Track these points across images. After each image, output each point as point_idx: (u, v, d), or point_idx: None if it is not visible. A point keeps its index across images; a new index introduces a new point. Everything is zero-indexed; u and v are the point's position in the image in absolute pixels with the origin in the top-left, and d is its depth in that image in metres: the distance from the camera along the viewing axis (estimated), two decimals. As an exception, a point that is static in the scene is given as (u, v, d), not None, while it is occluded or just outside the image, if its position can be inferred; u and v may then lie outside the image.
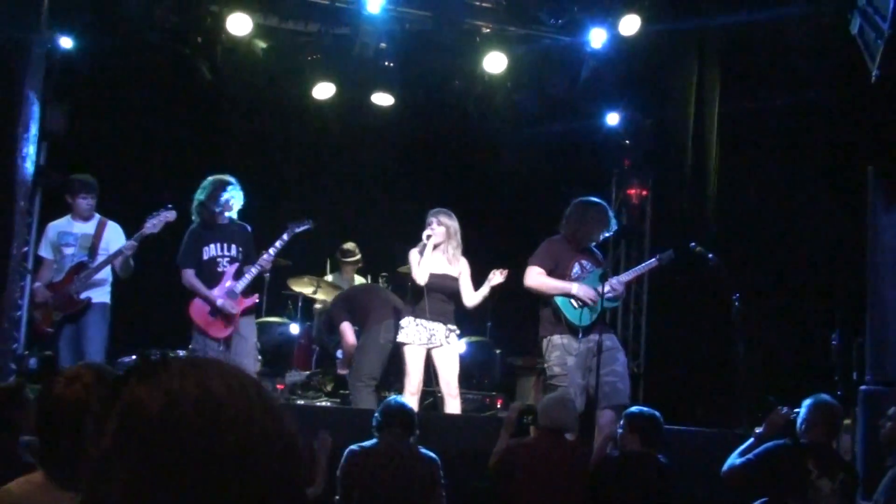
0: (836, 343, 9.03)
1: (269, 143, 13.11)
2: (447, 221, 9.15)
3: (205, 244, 8.98)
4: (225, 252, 8.98)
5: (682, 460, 6.84)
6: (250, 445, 1.47)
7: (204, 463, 1.42)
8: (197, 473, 1.42)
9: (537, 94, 12.35)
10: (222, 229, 9.02)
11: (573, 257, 8.77)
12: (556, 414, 6.60)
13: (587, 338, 8.40)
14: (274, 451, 1.49)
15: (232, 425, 1.46)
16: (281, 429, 1.52)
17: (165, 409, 1.45)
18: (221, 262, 8.95)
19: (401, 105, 12.56)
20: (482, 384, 11.75)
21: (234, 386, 1.51)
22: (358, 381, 9.69)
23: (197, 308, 8.88)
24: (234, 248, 9.00)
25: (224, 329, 8.82)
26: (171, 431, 1.44)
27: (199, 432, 1.44)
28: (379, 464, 6.35)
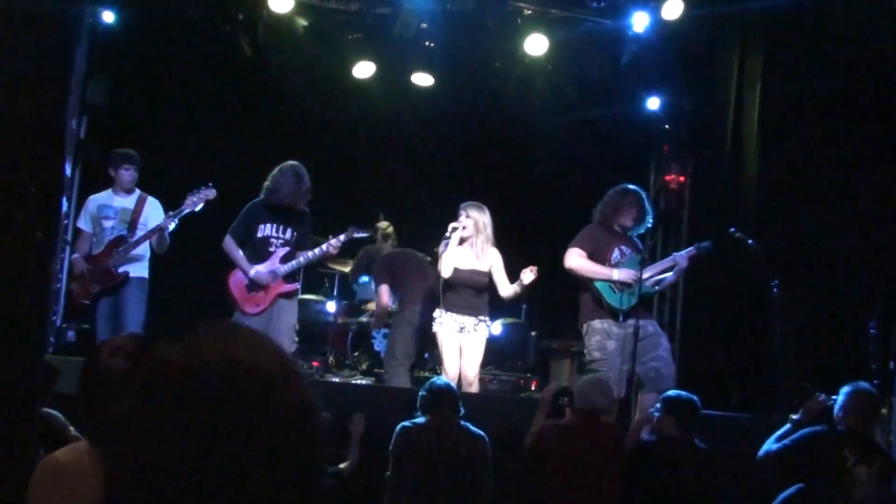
0: (874, 332, 8.98)
1: (307, 120, 13.10)
2: (476, 215, 9.14)
3: (262, 222, 9.00)
4: (280, 234, 8.98)
5: (718, 446, 6.82)
6: (271, 409, 1.48)
7: (223, 423, 1.44)
8: (216, 433, 1.43)
9: (578, 77, 12.29)
10: (283, 211, 9.02)
11: (613, 242, 8.77)
12: (591, 396, 6.60)
13: (627, 322, 8.39)
14: (293, 417, 1.51)
15: (254, 388, 1.48)
16: (302, 398, 1.53)
17: (188, 368, 1.47)
18: (274, 243, 8.95)
19: (440, 86, 12.53)
20: (516, 366, 11.75)
21: (260, 351, 1.53)
22: (392, 360, 9.71)
23: (235, 279, 8.91)
24: (289, 232, 9.00)
25: (256, 306, 8.81)
26: (194, 390, 1.45)
27: (221, 392, 1.46)
28: (431, 439, 6.39)
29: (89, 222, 9.24)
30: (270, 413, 1.48)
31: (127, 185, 9.23)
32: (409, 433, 6.47)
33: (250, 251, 8.94)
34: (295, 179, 8.96)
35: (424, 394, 6.69)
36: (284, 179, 8.95)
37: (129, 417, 1.47)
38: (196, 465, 1.42)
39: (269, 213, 9.01)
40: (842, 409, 6.26)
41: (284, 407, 1.51)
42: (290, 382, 1.53)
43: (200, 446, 1.42)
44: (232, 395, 1.45)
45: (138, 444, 1.44)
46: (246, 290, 8.84)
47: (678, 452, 6.39)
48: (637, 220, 8.94)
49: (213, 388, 1.45)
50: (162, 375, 1.47)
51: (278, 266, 8.82)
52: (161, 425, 1.43)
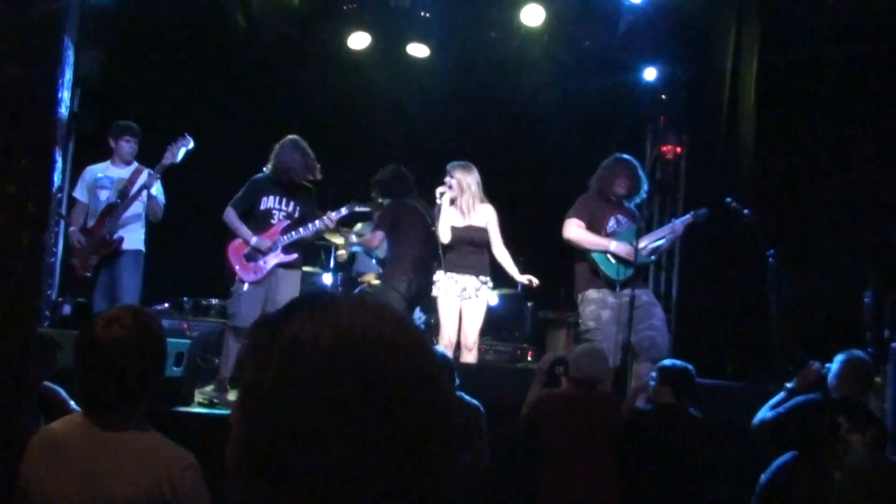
0: (869, 301, 9.00)
1: (302, 92, 13.08)
2: (459, 175, 9.17)
3: (265, 194, 8.99)
4: (282, 206, 8.98)
5: (714, 414, 6.84)
6: (415, 385, 1.51)
7: (368, 400, 1.46)
8: (361, 411, 1.45)
9: (574, 48, 12.29)
10: (287, 186, 9.01)
11: (609, 212, 8.79)
12: (587, 365, 6.61)
13: (623, 292, 8.42)
14: (430, 391, 1.53)
15: (398, 365, 1.50)
16: (437, 371, 1.55)
17: (335, 346, 1.49)
18: (277, 216, 8.94)
19: (436, 56, 12.50)
20: (513, 336, 11.79)
21: (399, 327, 1.55)
22: None
23: (234, 247, 8.90)
24: (292, 205, 9.00)
25: (255, 274, 8.80)
26: (340, 368, 1.47)
27: (367, 370, 1.48)
28: None
29: (85, 193, 9.26)
30: (416, 389, 1.51)
31: (126, 156, 9.25)
32: None
33: (253, 224, 8.93)
34: (301, 154, 8.96)
35: None
36: (291, 156, 8.93)
37: (270, 395, 1.48)
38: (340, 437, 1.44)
39: (273, 186, 9.00)
40: (836, 376, 6.28)
41: (426, 382, 1.53)
42: (428, 359, 1.55)
43: (346, 425, 1.44)
44: (378, 372, 1.48)
45: (281, 423, 1.46)
46: (245, 259, 8.84)
47: (673, 421, 6.41)
48: (631, 188, 8.94)
49: (361, 366, 1.47)
50: (307, 353, 1.48)
51: (279, 237, 8.82)
52: (308, 404, 1.46)
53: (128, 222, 9.08)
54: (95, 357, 3.16)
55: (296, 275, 9.12)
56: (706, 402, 7.18)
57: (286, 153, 8.94)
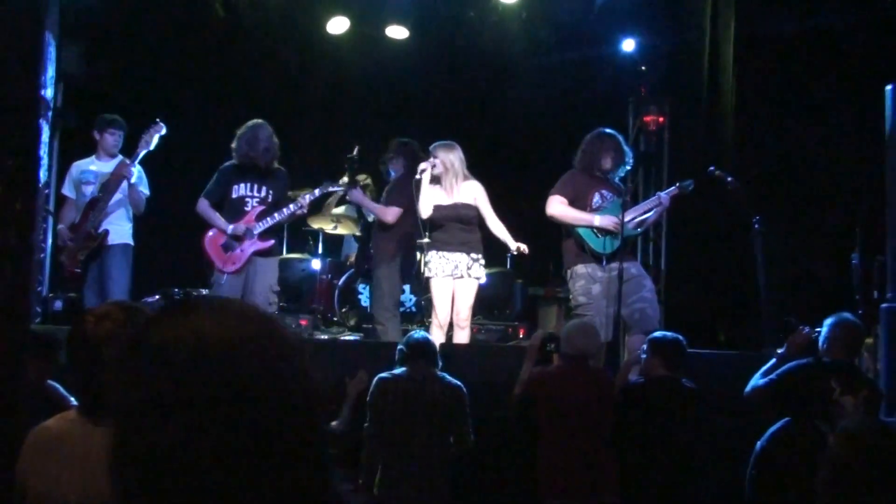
0: (857, 262, 9.03)
1: (283, 78, 13.06)
2: (442, 155, 9.13)
3: (235, 182, 9.00)
4: (255, 193, 8.98)
5: (706, 383, 6.86)
6: (275, 386, 1.50)
7: (232, 404, 1.45)
8: (226, 415, 1.45)
9: (552, 22, 12.28)
10: (257, 171, 9.01)
11: (593, 187, 8.80)
12: (578, 340, 6.62)
13: (611, 266, 8.44)
14: (295, 390, 1.53)
15: (261, 367, 1.50)
16: (303, 369, 1.56)
17: (196, 352, 1.48)
18: (250, 202, 8.95)
19: (415, 37, 12.52)
20: (504, 314, 11.81)
21: (263, 329, 1.54)
22: (386, 312, 9.50)
23: (210, 239, 8.92)
24: (264, 190, 9.00)
25: (233, 264, 8.82)
26: (202, 373, 1.47)
27: (229, 374, 1.47)
28: (408, 389, 6.42)
29: (72, 188, 9.25)
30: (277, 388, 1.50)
31: (111, 149, 9.24)
32: (385, 384, 6.50)
33: (227, 212, 8.95)
34: (264, 138, 8.94)
35: (402, 348, 6.72)
36: (244, 139, 8.95)
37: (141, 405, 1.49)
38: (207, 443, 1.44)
39: (243, 173, 9.01)
40: (826, 340, 6.30)
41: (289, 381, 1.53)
42: (291, 356, 1.56)
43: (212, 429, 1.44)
44: (239, 375, 1.48)
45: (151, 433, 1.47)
46: (222, 250, 8.85)
47: (666, 392, 6.43)
48: (616, 162, 8.96)
49: (221, 371, 1.47)
50: (169, 360, 1.48)
51: (254, 224, 8.83)
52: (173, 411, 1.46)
53: (112, 213, 9.07)
54: (87, 354, 3.16)
55: (273, 262, 9.18)
56: (699, 371, 7.21)
57: (241, 136, 8.97)
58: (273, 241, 9.02)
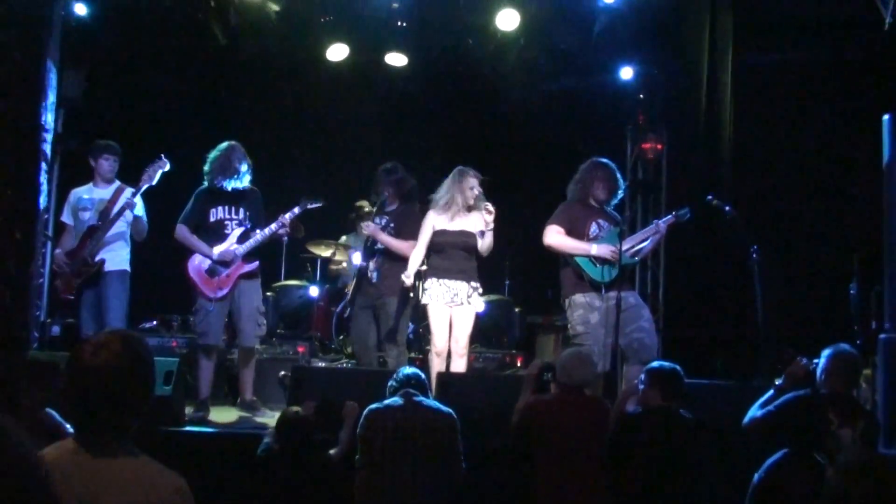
0: (855, 293, 9.03)
1: (283, 105, 13.11)
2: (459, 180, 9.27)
3: (212, 206, 8.98)
4: (232, 215, 8.96)
5: (704, 413, 6.83)
6: None
7: None
8: None
9: (550, 50, 12.32)
10: (231, 193, 8.98)
11: (589, 217, 8.82)
12: (574, 370, 6.61)
13: (609, 295, 8.43)
14: None
15: None
16: None
17: None
18: (229, 225, 8.93)
19: (414, 65, 12.55)
20: (502, 343, 11.79)
21: None
22: (398, 347, 9.30)
23: (193, 266, 8.87)
24: (241, 212, 8.98)
25: (218, 289, 8.78)
26: None
27: None
28: (398, 418, 6.40)
29: (70, 216, 9.25)
30: None
31: (106, 174, 9.25)
32: (376, 413, 6.48)
33: (206, 236, 8.92)
34: (227, 160, 8.93)
35: (393, 383, 6.72)
36: (217, 163, 8.94)
37: None
38: None
39: (217, 196, 8.99)
40: (824, 372, 6.29)
41: None
42: None
43: None
44: None
45: None
46: (207, 275, 8.82)
47: (663, 423, 6.40)
48: (610, 191, 8.97)
49: None
50: None
51: (237, 246, 8.82)
52: None
53: (110, 243, 9.06)
54: (85, 384, 3.15)
55: (257, 283, 9.12)
56: (697, 401, 7.18)
57: (221, 161, 8.94)
58: (258, 262, 9.01)
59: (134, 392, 3.19)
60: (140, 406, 3.23)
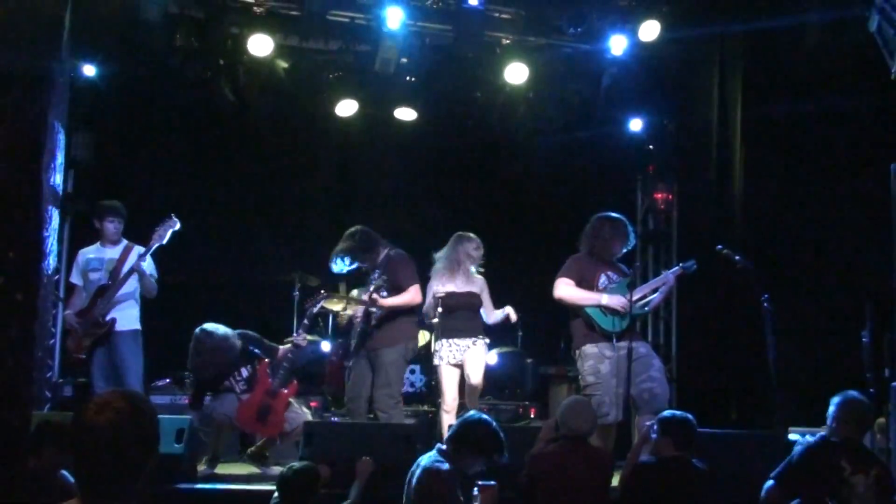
0: (867, 341, 8.98)
1: (293, 162, 13.15)
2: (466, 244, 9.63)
3: (208, 388, 9.00)
4: (237, 378, 8.92)
5: (718, 464, 6.80)
6: None
7: None
8: None
9: (559, 103, 12.36)
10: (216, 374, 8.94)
11: (598, 270, 8.85)
12: (572, 420, 6.59)
13: (619, 345, 8.43)
14: None
15: None
16: None
17: None
18: (238, 387, 8.88)
19: (424, 119, 12.60)
20: (514, 394, 11.78)
21: None
22: (391, 400, 9.28)
23: (242, 417, 8.75)
24: (244, 371, 8.94)
25: (276, 427, 8.74)
26: None
27: None
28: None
29: (79, 276, 9.28)
30: None
31: (112, 236, 9.29)
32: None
33: (229, 401, 8.86)
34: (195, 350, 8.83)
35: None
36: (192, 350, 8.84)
37: None
38: None
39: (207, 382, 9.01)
40: (834, 419, 6.28)
41: None
42: None
43: None
44: None
45: None
46: (257, 421, 8.74)
47: (676, 473, 6.37)
48: (620, 246, 9.04)
49: None
50: None
51: (271, 383, 8.81)
52: None
53: (120, 302, 9.09)
54: (89, 442, 3.15)
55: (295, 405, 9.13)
56: (710, 451, 7.15)
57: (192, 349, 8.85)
58: (296, 384, 9.03)
59: (137, 450, 3.19)
60: (144, 464, 3.22)
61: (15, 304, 3.28)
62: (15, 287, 3.29)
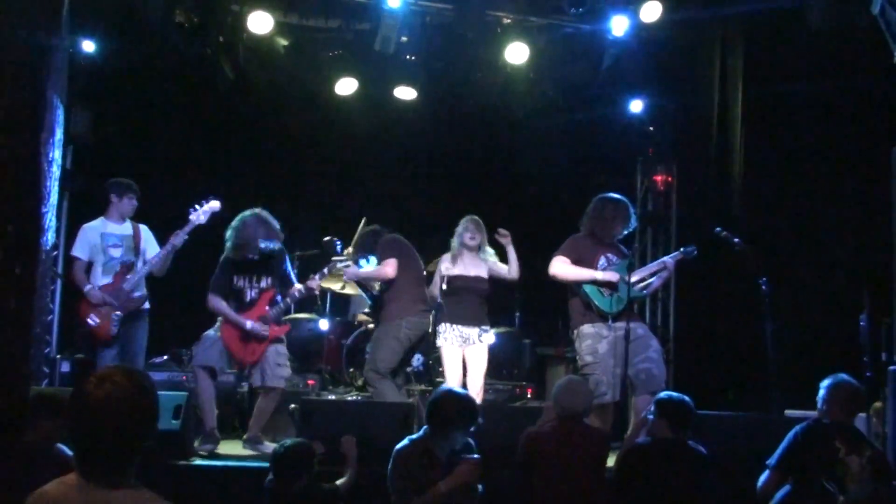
0: (864, 324, 8.99)
1: (292, 140, 13.12)
2: (474, 228, 9.58)
3: (234, 275, 8.87)
4: (254, 283, 8.87)
5: (715, 446, 6.80)
6: None
7: None
8: None
9: (560, 83, 12.34)
10: (253, 261, 8.86)
11: (598, 251, 8.84)
12: (566, 399, 6.57)
13: (617, 325, 8.44)
14: None
15: None
16: None
17: None
18: (250, 293, 8.84)
19: (423, 98, 12.58)
20: (512, 374, 11.77)
21: None
22: (376, 374, 9.36)
23: (228, 333, 8.71)
24: (264, 280, 8.88)
25: (252, 355, 8.67)
26: None
27: None
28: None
29: (87, 251, 9.15)
30: None
31: (128, 214, 9.27)
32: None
33: (233, 303, 8.82)
34: (243, 229, 8.78)
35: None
36: (235, 232, 8.79)
37: None
38: None
39: (240, 265, 8.88)
40: (824, 402, 6.28)
41: None
42: None
43: None
44: None
45: None
46: (241, 342, 8.69)
47: (672, 455, 6.36)
48: (621, 227, 9.02)
49: None
50: None
51: (267, 311, 8.75)
52: None
53: (143, 281, 9.10)
54: (88, 417, 3.15)
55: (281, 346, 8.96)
56: (707, 433, 7.17)
57: (238, 230, 8.81)
58: (289, 326, 8.99)
59: (137, 425, 3.19)
60: (143, 439, 3.22)
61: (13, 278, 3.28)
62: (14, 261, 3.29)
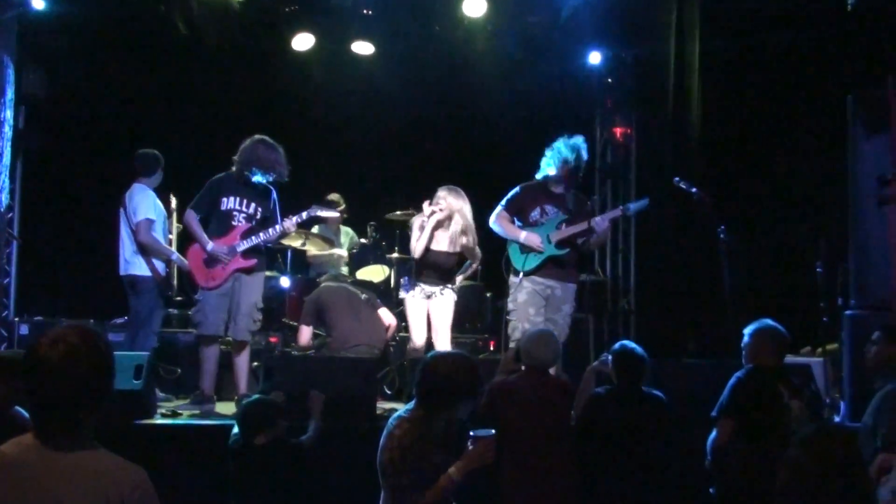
0: (821, 270, 9.08)
1: (249, 96, 13.02)
2: (451, 201, 9.50)
3: (225, 195, 8.83)
4: (243, 208, 8.84)
5: (675, 393, 6.86)
6: None
7: None
8: None
9: (518, 36, 12.32)
10: (247, 186, 8.86)
11: (537, 202, 8.92)
12: (535, 350, 6.58)
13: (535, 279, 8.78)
14: None
15: None
16: None
17: None
18: (237, 217, 8.81)
19: (381, 53, 12.54)
20: (475, 327, 11.80)
21: None
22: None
23: (192, 252, 8.78)
24: (252, 207, 8.87)
25: (213, 280, 8.66)
26: None
27: None
28: None
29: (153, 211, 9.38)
30: None
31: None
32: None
33: (214, 225, 8.79)
34: (270, 149, 8.86)
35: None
36: (256, 152, 8.80)
37: None
38: None
39: (235, 186, 8.85)
40: (752, 347, 6.32)
41: None
42: None
43: None
44: None
45: None
46: (203, 265, 8.70)
47: (630, 401, 6.44)
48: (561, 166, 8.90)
49: None
50: None
51: (238, 241, 8.71)
52: None
53: None
54: (42, 377, 3.13)
55: (258, 279, 8.97)
56: (667, 380, 7.25)
57: (253, 149, 8.82)
58: (256, 260, 8.86)
59: (91, 385, 3.17)
60: (98, 399, 3.21)
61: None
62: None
